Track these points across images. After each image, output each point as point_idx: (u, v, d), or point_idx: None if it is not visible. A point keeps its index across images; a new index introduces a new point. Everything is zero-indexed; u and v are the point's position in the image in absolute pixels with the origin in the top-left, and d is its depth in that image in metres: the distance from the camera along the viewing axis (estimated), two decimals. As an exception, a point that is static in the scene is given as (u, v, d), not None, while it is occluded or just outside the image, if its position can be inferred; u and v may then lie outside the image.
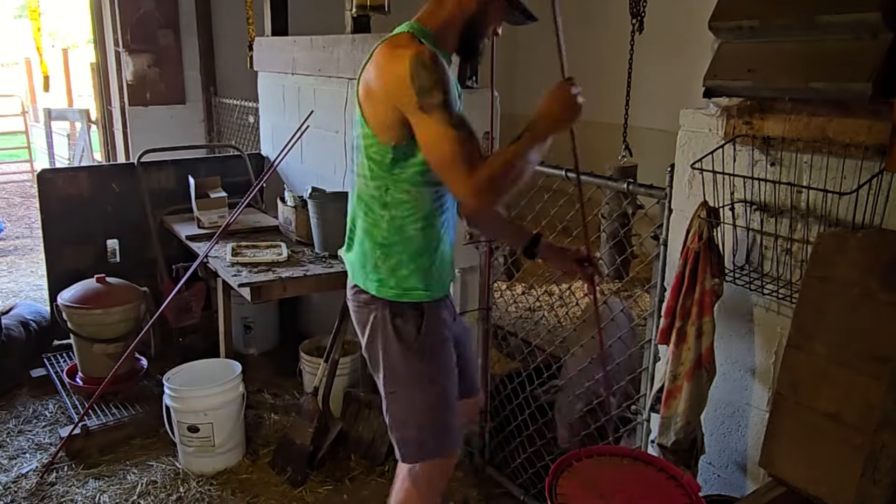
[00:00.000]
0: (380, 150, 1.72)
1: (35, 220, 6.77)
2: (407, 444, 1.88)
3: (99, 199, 3.80)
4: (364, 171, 1.77)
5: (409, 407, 1.85)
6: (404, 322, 1.81)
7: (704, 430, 1.86)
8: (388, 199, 1.75)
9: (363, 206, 1.81)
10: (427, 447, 1.87)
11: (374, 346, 1.86)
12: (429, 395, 1.84)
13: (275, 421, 3.25)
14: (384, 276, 1.80)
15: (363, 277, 1.85)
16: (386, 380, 1.86)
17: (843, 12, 1.44)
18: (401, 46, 1.65)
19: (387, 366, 1.84)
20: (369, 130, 1.72)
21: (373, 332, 1.85)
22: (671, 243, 1.96)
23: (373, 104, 1.70)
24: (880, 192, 1.49)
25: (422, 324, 1.81)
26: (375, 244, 1.80)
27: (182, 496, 2.73)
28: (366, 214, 1.81)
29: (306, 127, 3.55)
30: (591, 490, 1.63)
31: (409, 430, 1.87)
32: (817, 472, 1.47)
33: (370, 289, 1.83)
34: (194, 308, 3.64)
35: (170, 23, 5.29)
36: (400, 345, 1.81)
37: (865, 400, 1.39)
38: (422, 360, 1.82)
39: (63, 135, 8.49)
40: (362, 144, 1.75)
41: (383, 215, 1.77)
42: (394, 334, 1.81)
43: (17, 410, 3.36)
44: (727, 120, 1.76)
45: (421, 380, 1.84)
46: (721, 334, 1.83)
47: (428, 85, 1.58)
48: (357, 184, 1.82)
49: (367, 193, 1.78)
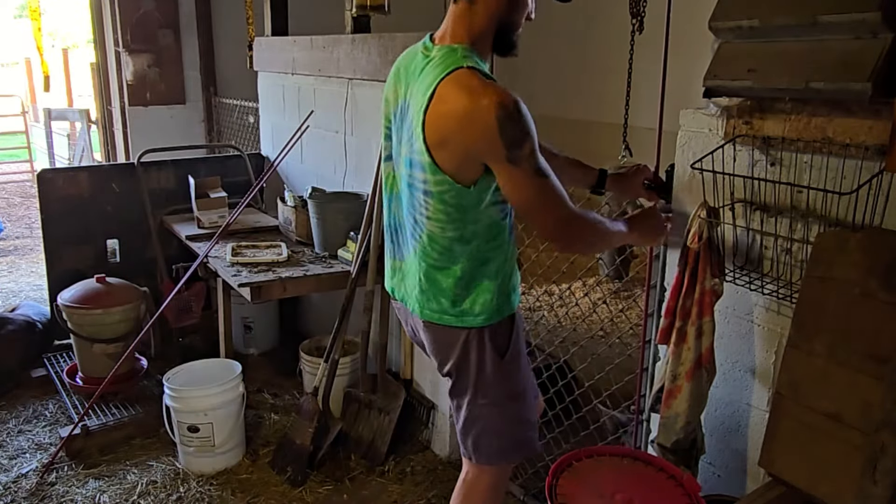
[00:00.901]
0: (458, 194, 1.62)
1: (35, 220, 6.77)
2: (487, 449, 1.86)
3: (99, 199, 3.79)
4: (437, 215, 1.66)
5: (498, 417, 1.83)
6: (498, 337, 1.77)
7: (704, 430, 1.86)
8: (468, 236, 1.68)
9: (435, 247, 1.71)
10: (509, 453, 1.88)
11: (466, 368, 1.80)
12: (518, 406, 1.84)
13: (275, 421, 3.25)
14: (468, 306, 1.74)
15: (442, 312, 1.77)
16: (476, 394, 1.81)
17: (843, 12, 1.44)
18: (477, 91, 1.52)
19: (479, 382, 1.80)
20: (444, 177, 1.60)
21: (464, 354, 1.79)
22: (671, 243, 1.96)
23: (450, 153, 1.58)
24: (880, 192, 1.49)
25: (512, 332, 1.79)
26: (456, 280, 1.72)
27: (182, 496, 2.73)
28: (439, 255, 1.71)
29: (306, 127, 3.55)
30: (591, 490, 1.63)
31: (492, 438, 1.85)
32: (817, 472, 1.47)
33: (456, 323, 1.76)
34: (194, 308, 3.64)
35: (170, 23, 5.29)
36: (495, 357, 1.77)
37: (865, 400, 1.39)
38: (510, 371, 1.80)
39: (63, 135, 8.49)
40: (434, 190, 1.63)
41: (463, 251, 1.70)
42: (491, 350, 1.77)
43: (17, 410, 3.36)
44: (727, 120, 1.76)
45: (513, 391, 1.82)
46: (721, 334, 1.83)
47: (518, 138, 1.52)
48: (427, 227, 1.69)
49: (444, 236, 1.68)
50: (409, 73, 1.71)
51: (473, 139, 1.54)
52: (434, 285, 1.75)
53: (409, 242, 1.78)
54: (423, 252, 1.74)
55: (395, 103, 1.76)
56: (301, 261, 3.11)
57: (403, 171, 1.72)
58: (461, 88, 1.54)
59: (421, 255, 1.75)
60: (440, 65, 1.60)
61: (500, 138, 1.51)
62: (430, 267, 1.74)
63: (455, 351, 1.79)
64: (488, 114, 1.50)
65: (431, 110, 1.57)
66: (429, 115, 1.57)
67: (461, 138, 1.55)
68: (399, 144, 1.74)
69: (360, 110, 3.28)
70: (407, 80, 1.71)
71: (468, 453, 1.89)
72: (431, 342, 1.85)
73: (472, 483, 1.93)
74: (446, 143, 1.57)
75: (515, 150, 1.53)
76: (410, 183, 1.70)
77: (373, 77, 3.09)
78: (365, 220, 2.97)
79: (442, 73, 1.57)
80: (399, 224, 1.83)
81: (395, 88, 1.77)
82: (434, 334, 1.83)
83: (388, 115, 1.81)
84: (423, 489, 2.75)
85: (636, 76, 4.09)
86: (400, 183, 1.77)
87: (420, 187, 1.66)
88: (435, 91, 1.57)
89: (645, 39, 3.66)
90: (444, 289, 1.74)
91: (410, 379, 3.07)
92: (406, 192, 1.74)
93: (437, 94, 1.56)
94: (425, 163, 1.61)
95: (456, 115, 1.54)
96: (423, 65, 1.66)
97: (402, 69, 1.75)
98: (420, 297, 1.79)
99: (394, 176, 1.80)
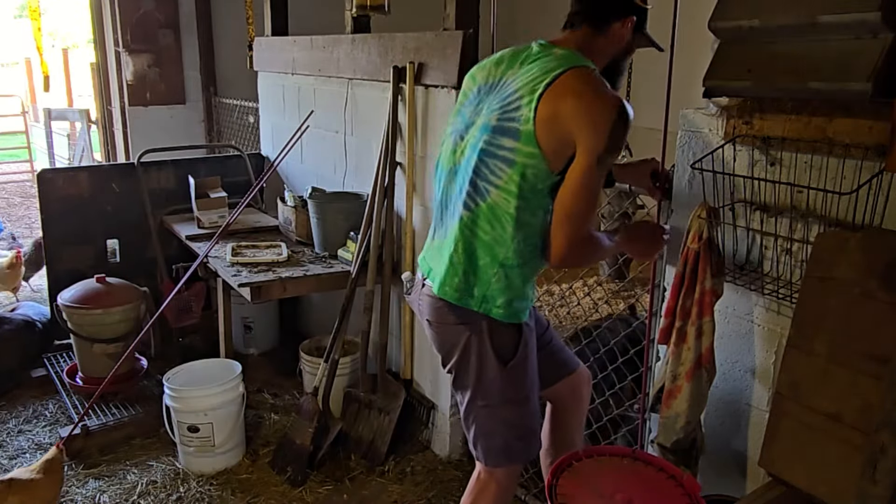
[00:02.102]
0: (540, 173, 1.64)
1: (35, 220, 6.77)
2: (493, 451, 1.89)
3: (99, 199, 3.79)
4: (511, 185, 1.66)
5: (500, 419, 1.85)
6: (504, 341, 1.78)
7: (704, 430, 1.86)
8: (525, 220, 1.68)
9: (492, 219, 1.70)
10: (514, 454, 1.90)
11: (468, 366, 1.81)
12: (520, 409, 1.85)
13: (275, 421, 3.25)
14: (493, 293, 1.74)
15: (465, 292, 1.76)
16: (475, 396, 1.84)
17: (843, 12, 1.44)
18: (605, 89, 1.62)
19: (479, 383, 1.82)
20: (538, 151, 1.62)
21: (466, 352, 1.80)
22: (671, 243, 1.96)
23: (556, 131, 1.61)
24: (880, 192, 1.49)
25: (520, 342, 1.80)
26: (496, 261, 1.72)
27: (182, 496, 2.73)
28: (493, 228, 1.70)
29: (306, 127, 3.55)
30: (591, 490, 1.63)
31: (496, 440, 1.87)
32: (817, 472, 1.47)
33: (471, 305, 1.76)
34: (194, 308, 3.64)
35: (170, 23, 5.28)
36: (498, 362, 1.78)
37: (865, 400, 1.39)
38: (517, 377, 1.81)
39: (63, 135, 8.48)
40: (518, 160, 1.64)
41: (514, 235, 1.69)
42: (492, 354, 1.78)
43: (17, 410, 3.36)
44: (727, 120, 1.76)
45: (515, 395, 1.83)
46: (721, 334, 1.83)
47: (618, 145, 1.60)
48: (493, 195, 1.68)
49: (505, 209, 1.68)
50: (517, 59, 1.75)
51: (586, 123, 1.58)
52: (469, 259, 1.74)
53: (457, 214, 1.77)
54: (473, 222, 1.73)
55: (485, 80, 1.80)
56: (301, 261, 3.11)
57: (477, 136, 1.73)
58: (592, 81, 1.63)
59: (469, 224, 1.74)
60: (566, 59, 1.67)
61: (608, 134, 1.57)
62: (478, 239, 1.73)
63: (457, 350, 1.81)
64: (611, 110, 1.58)
65: (554, 88, 1.61)
66: (549, 92, 1.61)
67: (575, 118, 1.59)
68: (477, 116, 1.76)
69: (360, 110, 3.28)
70: (512, 63, 1.75)
71: (472, 450, 1.93)
72: (437, 330, 1.86)
73: (483, 483, 1.95)
74: (557, 118, 1.60)
75: (609, 153, 1.59)
76: (485, 149, 1.70)
77: (373, 77, 3.09)
78: (365, 220, 2.97)
79: (570, 64, 1.64)
80: (449, 199, 1.83)
81: (490, 69, 1.81)
82: (442, 321, 1.83)
83: (468, 91, 1.84)
84: (423, 489, 2.75)
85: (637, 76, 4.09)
86: (466, 153, 1.76)
87: (499, 154, 1.67)
88: (562, 74, 1.62)
89: (645, 39, 3.63)
90: (480, 266, 1.74)
91: (410, 379, 3.07)
92: (473, 161, 1.72)
93: (564, 78, 1.62)
94: (523, 131, 1.63)
95: (582, 96, 1.60)
96: (540, 55, 1.71)
97: (507, 56, 1.80)
98: (446, 271, 1.77)
99: (454, 151, 1.81)
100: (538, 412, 1.93)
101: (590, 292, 4.34)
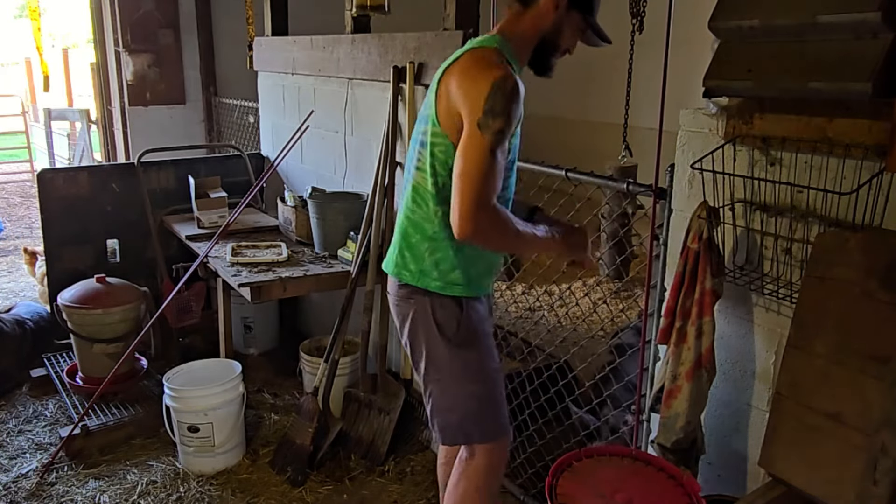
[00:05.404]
0: (446, 149, 1.75)
1: (35, 220, 6.76)
2: (449, 429, 1.94)
3: (99, 199, 3.80)
4: (426, 165, 1.79)
5: (453, 395, 1.91)
6: (444, 315, 1.86)
7: (704, 430, 1.86)
8: (445, 195, 1.76)
9: (417, 199, 1.84)
10: (470, 432, 1.93)
11: (417, 338, 1.91)
12: (472, 385, 1.90)
13: (275, 421, 3.25)
14: (428, 267, 1.84)
15: (403, 267, 1.88)
16: (428, 370, 1.92)
17: (843, 12, 1.44)
18: (490, 63, 1.69)
19: (429, 357, 1.90)
20: (439, 128, 1.75)
21: (413, 323, 1.90)
22: (671, 243, 1.96)
23: (447, 105, 1.73)
24: (880, 192, 1.49)
25: (461, 317, 1.86)
26: (425, 237, 1.83)
27: (182, 496, 2.73)
28: (419, 206, 1.83)
29: (306, 127, 3.55)
30: (591, 490, 1.63)
31: (452, 416, 1.92)
32: (817, 472, 1.47)
33: (411, 280, 1.86)
34: (194, 308, 3.64)
35: (170, 23, 5.29)
36: (441, 338, 1.86)
37: (865, 400, 1.39)
38: (463, 351, 1.88)
39: (63, 135, 8.48)
40: (429, 141, 1.78)
41: (437, 210, 1.80)
42: (435, 327, 1.86)
43: (17, 410, 3.36)
44: (727, 120, 1.76)
45: (464, 370, 1.89)
46: (721, 334, 1.83)
47: (497, 109, 1.63)
48: (415, 176, 1.84)
49: (424, 187, 1.81)
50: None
51: (464, 92, 1.68)
52: (404, 237, 1.88)
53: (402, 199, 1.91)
54: (407, 205, 1.87)
55: None
56: (301, 261, 3.11)
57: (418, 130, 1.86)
58: (479, 57, 1.73)
59: (405, 206, 1.88)
60: (473, 44, 1.80)
61: (484, 101, 1.63)
62: (407, 219, 1.87)
63: (408, 321, 1.91)
64: (486, 78, 1.65)
65: (449, 70, 1.76)
66: (445, 75, 1.76)
67: (458, 89, 1.70)
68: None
69: (360, 110, 3.28)
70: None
71: (431, 430, 1.98)
72: (393, 306, 1.97)
73: (466, 463, 1.97)
74: (448, 94, 1.72)
75: (489, 118, 1.63)
76: (416, 138, 1.85)
77: (373, 77, 3.09)
78: (365, 220, 2.97)
79: (471, 46, 1.78)
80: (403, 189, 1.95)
81: None
82: (396, 298, 1.94)
83: None
84: (423, 489, 2.75)
85: (636, 76, 4.09)
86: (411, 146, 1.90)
87: (420, 139, 1.83)
88: (459, 57, 1.76)
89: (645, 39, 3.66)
90: (413, 244, 1.86)
91: (410, 379, 3.07)
92: (411, 151, 1.87)
93: (460, 60, 1.75)
94: (430, 115, 1.78)
95: (462, 70, 1.72)
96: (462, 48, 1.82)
97: None
98: (392, 250, 1.93)
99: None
100: (497, 393, 1.94)
101: (589, 292, 4.34)
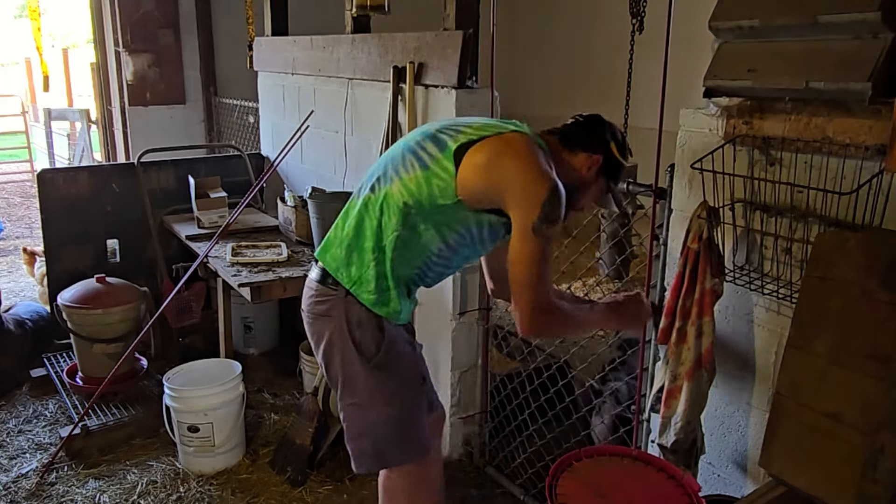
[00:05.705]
0: (444, 191, 1.69)
1: (35, 220, 6.76)
2: (364, 456, 1.88)
3: (99, 199, 3.80)
4: (411, 184, 1.71)
5: (368, 419, 1.85)
6: (363, 336, 1.79)
7: (704, 430, 1.86)
8: (413, 222, 1.72)
9: (383, 205, 1.74)
10: (385, 457, 1.88)
11: (333, 359, 1.84)
12: (388, 408, 1.84)
13: (275, 421, 3.25)
14: (368, 277, 1.77)
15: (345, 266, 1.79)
16: (344, 391, 1.86)
17: (843, 12, 1.44)
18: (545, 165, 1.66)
19: (345, 378, 1.84)
20: (452, 182, 1.67)
21: (330, 343, 1.83)
22: (671, 243, 1.96)
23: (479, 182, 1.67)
24: (880, 192, 1.49)
25: (382, 340, 1.80)
26: (377, 246, 1.75)
27: (182, 496, 2.73)
28: (382, 214, 1.75)
29: (306, 127, 3.55)
30: (591, 490, 1.63)
31: (364, 442, 1.87)
32: (817, 472, 1.47)
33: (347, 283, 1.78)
34: (194, 308, 3.64)
35: (170, 23, 5.28)
36: (360, 358, 1.79)
37: (865, 400, 1.39)
38: (381, 374, 1.82)
39: (63, 135, 8.48)
40: (431, 166, 1.70)
41: (397, 230, 1.73)
42: (353, 348, 1.79)
43: (17, 410, 3.36)
44: (727, 120, 1.76)
45: (381, 393, 1.83)
46: (721, 334, 1.83)
47: (552, 217, 1.63)
48: (394, 184, 1.74)
49: (401, 201, 1.72)
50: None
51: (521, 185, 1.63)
52: (356, 236, 1.79)
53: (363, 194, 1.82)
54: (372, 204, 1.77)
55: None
56: (301, 261, 3.11)
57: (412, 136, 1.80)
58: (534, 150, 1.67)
59: (369, 204, 1.78)
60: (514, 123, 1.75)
61: (541, 207, 1.61)
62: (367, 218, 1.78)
63: (324, 339, 1.84)
64: (544, 182, 1.62)
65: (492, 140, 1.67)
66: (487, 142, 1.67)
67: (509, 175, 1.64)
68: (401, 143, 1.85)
69: (359, 110, 3.28)
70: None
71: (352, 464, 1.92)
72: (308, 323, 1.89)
73: (385, 484, 1.95)
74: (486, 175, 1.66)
75: (543, 225, 1.62)
76: (412, 147, 1.76)
77: (373, 77, 3.08)
78: (365, 220, 2.97)
79: (516, 127, 1.73)
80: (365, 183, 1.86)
81: None
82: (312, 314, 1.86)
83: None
84: (423, 489, 2.75)
85: (637, 76, 4.09)
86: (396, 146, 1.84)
87: (419, 153, 1.74)
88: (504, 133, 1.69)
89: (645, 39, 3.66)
90: (363, 247, 1.77)
91: (410, 379, 3.07)
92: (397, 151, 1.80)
93: (506, 136, 1.69)
94: (451, 146, 1.69)
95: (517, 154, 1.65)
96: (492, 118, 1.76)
97: None
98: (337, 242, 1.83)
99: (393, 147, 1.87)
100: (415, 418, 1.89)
101: (589, 292, 4.34)
